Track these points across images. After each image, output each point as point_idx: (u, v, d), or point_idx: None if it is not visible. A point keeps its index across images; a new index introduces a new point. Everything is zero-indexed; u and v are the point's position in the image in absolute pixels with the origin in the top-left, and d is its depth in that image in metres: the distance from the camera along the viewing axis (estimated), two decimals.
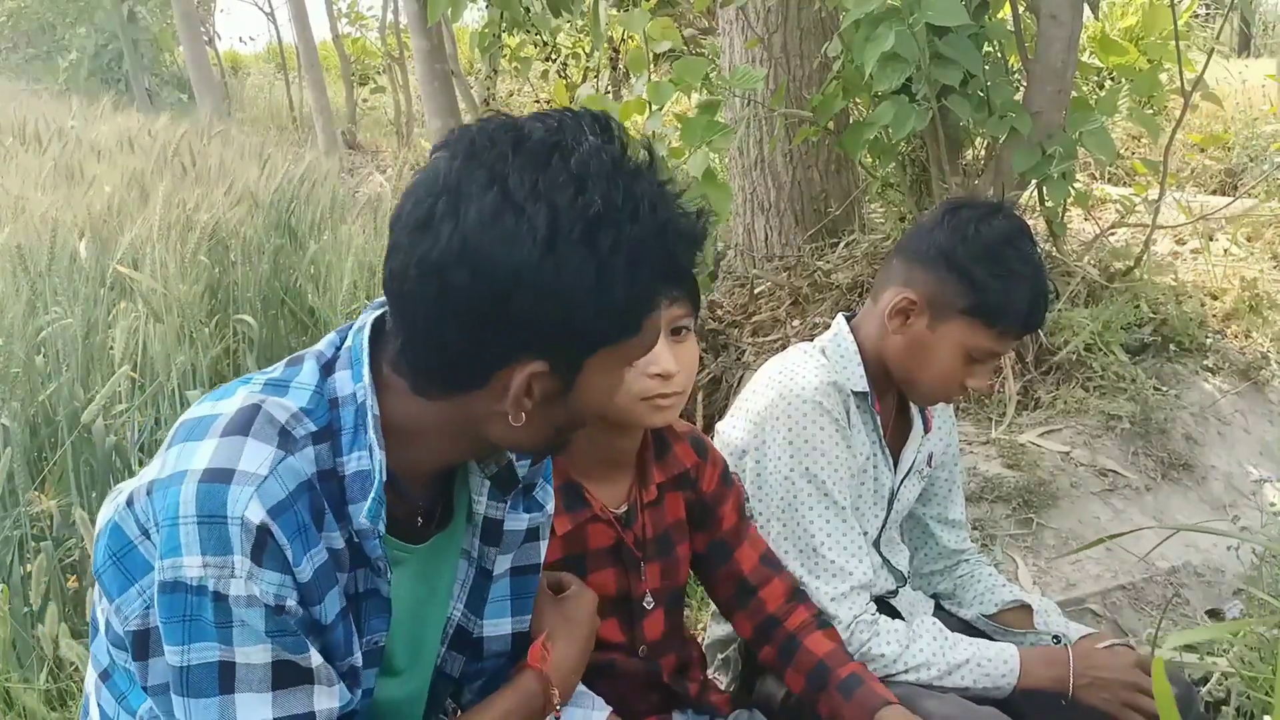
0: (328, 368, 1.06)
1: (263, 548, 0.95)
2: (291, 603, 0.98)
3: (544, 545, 1.31)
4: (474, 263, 0.95)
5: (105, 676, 1.10)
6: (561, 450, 1.15)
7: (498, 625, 1.29)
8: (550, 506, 1.30)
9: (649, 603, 1.55)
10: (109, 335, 3.12)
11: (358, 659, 1.09)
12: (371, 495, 1.02)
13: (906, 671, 1.63)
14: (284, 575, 0.97)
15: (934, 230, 1.71)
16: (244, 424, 0.99)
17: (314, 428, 1.02)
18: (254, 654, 0.98)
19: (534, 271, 0.94)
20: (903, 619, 1.79)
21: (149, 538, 0.98)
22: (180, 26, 13.37)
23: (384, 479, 1.03)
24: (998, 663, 1.64)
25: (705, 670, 1.72)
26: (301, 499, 0.99)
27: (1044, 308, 1.70)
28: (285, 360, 1.09)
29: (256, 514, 0.95)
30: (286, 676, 1.00)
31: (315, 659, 1.01)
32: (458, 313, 0.97)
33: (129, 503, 1.01)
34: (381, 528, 1.04)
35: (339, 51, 14.97)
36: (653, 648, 1.56)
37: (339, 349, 1.08)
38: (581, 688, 1.34)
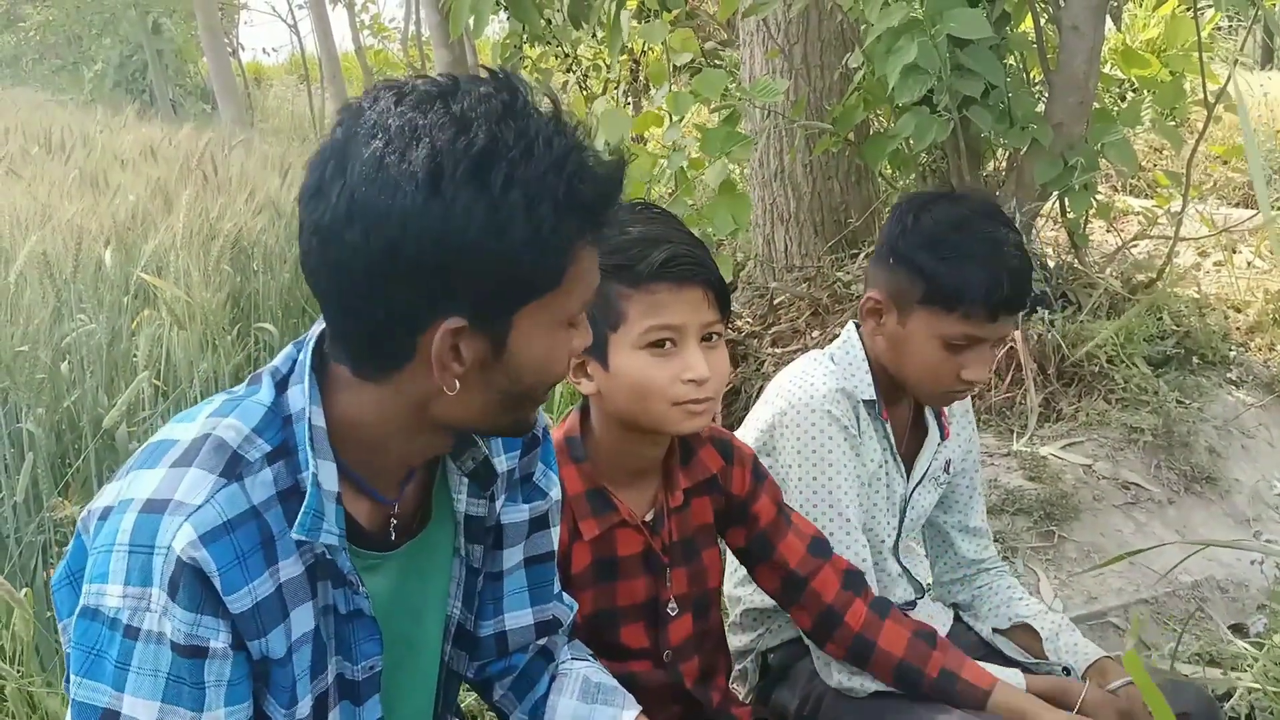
0: (282, 384, 1.03)
1: (179, 583, 0.92)
2: (216, 643, 0.94)
3: (555, 532, 1.29)
4: (362, 217, 0.91)
5: None
6: (523, 427, 1.10)
7: (519, 617, 1.27)
8: (555, 493, 1.28)
9: (673, 609, 1.54)
10: (133, 342, 3.15)
11: (305, 708, 1.04)
12: (303, 508, 0.98)
13: None
14: (198, 615, 0.93)
15: (886, 227, 1.71)
16: (191, 453, 0.97)
17: (268, 447, 0.99)
18: (140, 708, 0.93)
19: (420, 216, 0.90)
20: None
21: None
22: (204, 38, 13.55)
23: (335, 490, 1.00)
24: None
25: (729, 679, 1.71)
26: (244, 527, 0.96)
27: (1008, 284, 1.61)
28: (249, 377, 1.06)
29: (183, 544, 0.92)
30: None
31: (214, 716, 0.96)
32: (359, 274, 0.93)
33: (84, 524, 0.99)
34: (333, 540, 1.01)
35: (361, 63, 15.11)
36: (676, 652, 1.56)
37: (295, 362, 1.04)
38: (613, 683, 1.32)
